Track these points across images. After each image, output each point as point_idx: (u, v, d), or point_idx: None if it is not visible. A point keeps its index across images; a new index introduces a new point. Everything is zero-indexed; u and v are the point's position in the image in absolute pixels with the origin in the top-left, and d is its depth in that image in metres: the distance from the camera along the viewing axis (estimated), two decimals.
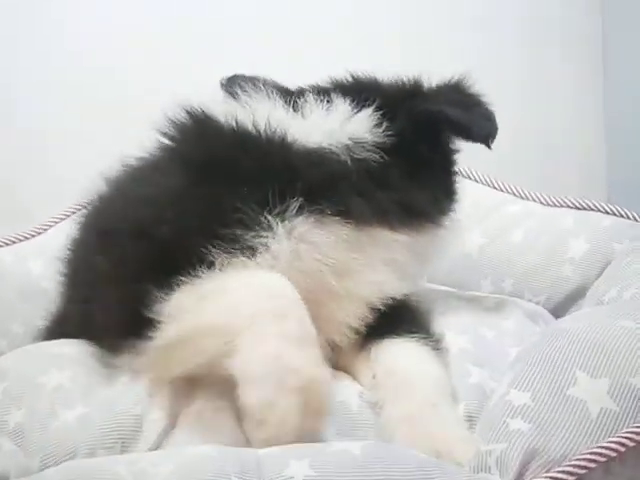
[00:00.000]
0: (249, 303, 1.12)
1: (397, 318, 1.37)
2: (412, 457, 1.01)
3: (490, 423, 1.09)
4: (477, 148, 1.44)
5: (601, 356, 1.11)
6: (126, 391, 1.25)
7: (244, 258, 1.20)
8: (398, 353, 1.31)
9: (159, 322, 1.16)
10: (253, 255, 1.20)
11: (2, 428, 1.20)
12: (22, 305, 1.84)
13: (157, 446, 1.19)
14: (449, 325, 1.44)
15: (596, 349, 1.13)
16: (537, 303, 1.77)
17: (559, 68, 2.82)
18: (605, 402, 1.05)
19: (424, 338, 1.34)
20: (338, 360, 1.37)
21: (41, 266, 1.92)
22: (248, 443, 1.07)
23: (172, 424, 1.22)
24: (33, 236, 2.02)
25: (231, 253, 1.19)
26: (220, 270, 1.18)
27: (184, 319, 1.14)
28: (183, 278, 1.16)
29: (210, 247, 1.18)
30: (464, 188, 1.80)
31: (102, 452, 1.15)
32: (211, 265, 1.18)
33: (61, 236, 1.94)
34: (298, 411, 1.02)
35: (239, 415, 1.09)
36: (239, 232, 1.20)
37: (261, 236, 1.21)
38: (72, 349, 1.41)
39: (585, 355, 1.12)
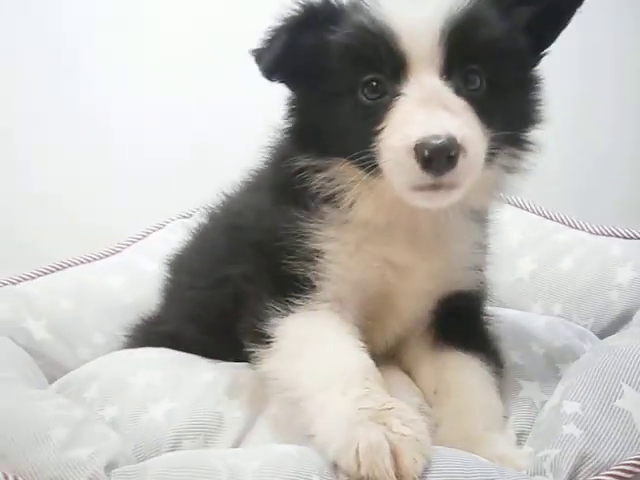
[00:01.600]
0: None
1: (467, 329, 1.46)
2: (473, 459, 1.11)
3: (544, 431, 1.19)
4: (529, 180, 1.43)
5: None
6: (208, 391, 1.38)
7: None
8: (461, 373, 1.39)
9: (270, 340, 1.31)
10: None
11: (102, 420, 1.33)
12: (103, 318, 1.98)
13: (238, 442, 1.31)
14: (505, 340, 1.54)
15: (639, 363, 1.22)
16: (585, 326, 1.86)
17: (612, 100, 2.89)
18: None
19: (487, 357, 1.41)
20: (404, 356, 1.49)
21: (121, 282, 2.07)
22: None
23: (250, 424, 1.34)
24: (112, 254, 2.18)
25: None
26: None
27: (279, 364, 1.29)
28: (293, 301, 1.32)
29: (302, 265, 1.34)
30: (516, 217, 1.90)
31: (187, 443, 1.28)
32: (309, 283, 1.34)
33: (139, 254, 2.12)
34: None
35: None
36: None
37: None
38: (156, 355, 1.57)
39: (631, 370, 1.22)
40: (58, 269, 2.05)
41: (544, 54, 1.36)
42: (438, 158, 1.11)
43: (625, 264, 1.91)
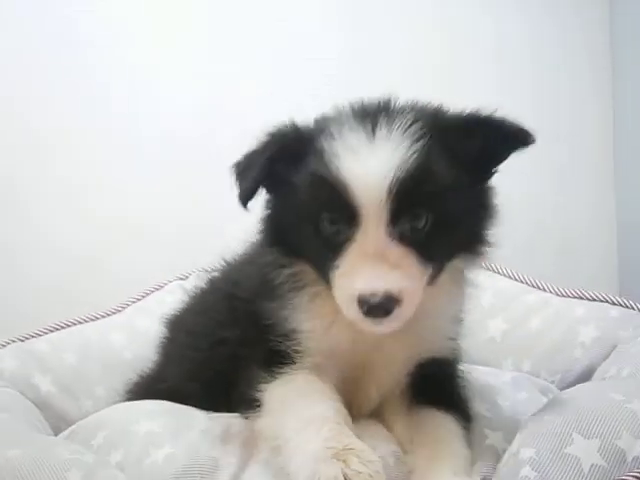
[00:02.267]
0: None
1: (441, 390, 1.60)
2: None
3: (504, 475, 1.33)
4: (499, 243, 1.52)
5: (594, 421, 1.36)
6: (204, 438, 1.52)
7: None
8: (434, 427, 1.52)
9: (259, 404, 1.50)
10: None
11: (109, 465, 1.47)
12: (105, 373, 2.13)
13: None
14: (474, 394, 1.68)
15: (590, 415, 1.38)
16: (552, 382, 2.01)
17: (572, 165, 3.08)
18: (595, 459, 1.30)
19: (458, 415, 1.55)
20: (384, 412, 1.63)
21: (122, 339, 2.23)
22: None
23: (243, 467, 1.47)
24: (114, 313, 2.33)
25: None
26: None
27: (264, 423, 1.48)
28: (277, 370, 1.51)
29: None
30: (488, 279, 2.06)
31: None
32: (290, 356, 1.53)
33: (138, 313, 2.27)
34: None
35: None
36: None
37: None
38: (156, 406, 1.71)
39: (581, 420, 1.37)
40: (63, 327, 2.20)
41: (495, 171, 1.49)
42: (375, 312, 1.29)
43: (588, 324, 2.08)
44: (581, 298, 2.20)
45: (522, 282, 2.37)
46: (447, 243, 1.41)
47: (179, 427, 1.57)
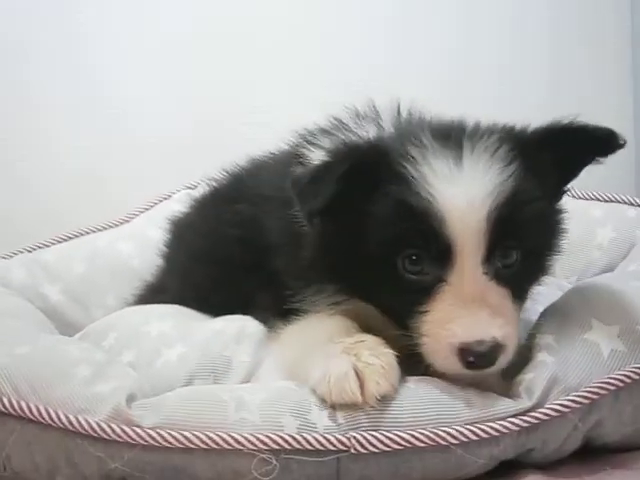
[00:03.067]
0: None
1: None
2: (457, 386, 1.24)
3: (520, 360, 1.30)
4: None
5: (613, 307, 1.34)
6: (217, 338, 1.49)
7: None
8: None
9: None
10: None
11: (119, 363, 1.45)
12: (114, 281, 2.11)
13: (245, 383, 1.42)
14: None
15: (608, 301, 1.36)
16: (569, 283, 1.98)
17: (589, 65, 2.94)
18: (615, 344, 1.28)
19: None
20: None
21: (131, 248, 2.21)
22: None
23: (257, 367, 1.46)
24: (122, 223, 2.31)
25: None
26: None
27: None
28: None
29: None
30: None
31: (198, 382, 1.39)
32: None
33: (148, 223, 2.24)
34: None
35: None
36: None
37: None
38: (167, 308, 1.69)
39: (600, 306, 1.35)
40: (71, 238, 2.18)
41: (566, 191, 1.42)
42: (481, 362, 1.17)
43: (605, 225, 2.04)
44: (598, 200, 2.15)
45: None
46: (534, 276, 1.35)
47: (191, 328, 1.55)
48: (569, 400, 1.21)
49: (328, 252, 1.32)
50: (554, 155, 1.30)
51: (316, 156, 1.43)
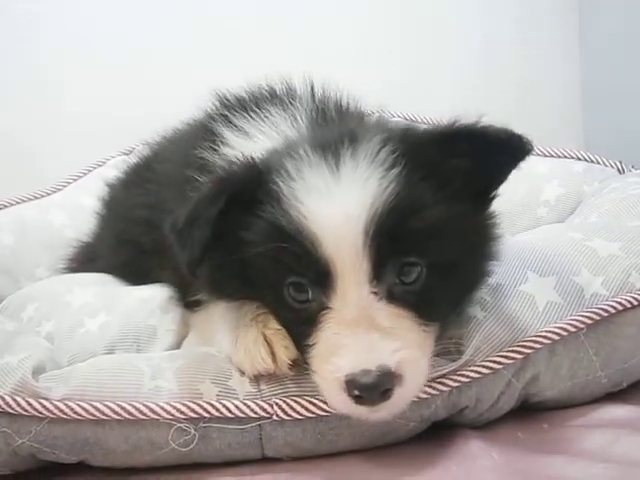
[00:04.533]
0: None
1: None
2: None
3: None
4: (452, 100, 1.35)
5: (550, 259, 1.28)
6: (142, 306, 1.43)
7: None
8: None
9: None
10: None
11: (37, 335, 1.38)
12: (44, 253, 2.02)
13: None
14: None
15: (545, 252, 1.30)
16: None
17: (535, 12, 2.87)
18: (551, 296, 1.22)
19: None
20: None
21: (64, 217, 2.12)
22: None
23: (183, 337, 1.39)
24: (53, 192, 2.22)
25: None
26: None
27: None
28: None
29: None
30: None
31: (120, 352, 1.32)
32: None
33: (82, 191, 2.16)
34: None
35: None
36: None
37: None
38: (93, 276, 1.62)
39: (536, 258, 1.29)
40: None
41: (494, 197, 1.23)
42: (370, 395, 1.00)
43: (551, 181, 2.00)
44: (543, 155, 2.10)
45: None
46: (450, 294, 1.14)
47: (115, 296, 1.49)
48: (501, 356, 1.16)
49: (218, 276, 1.20)
50: (456, 158, 1.12)
51: (230, 139, 1.34)
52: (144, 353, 1.33)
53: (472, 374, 1.14)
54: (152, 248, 1.46)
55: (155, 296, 1.46)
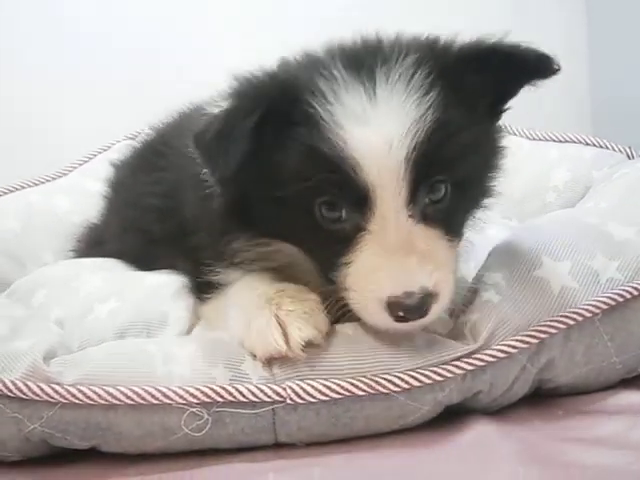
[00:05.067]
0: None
1: None
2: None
3: (467, 299, 1.24)
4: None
5: (564, 243, 1.27)
6: (154, 292, 1.41)
7: None
8: None
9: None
10: None
11: (47, 320, 1.36)
12: (50, 237, 2.01)
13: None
14: None
15: (559, 237, 1.28)
16: None
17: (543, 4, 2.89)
18: (566, 281, 1.21)
19: None
20: None
21: (69, 202, 2.11)
22: None
23: (195, 323, 1.37)
24: (59, 177, 2.21)
25: None
26: None
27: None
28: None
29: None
30: None
31: (130, 337, 1.31)
32: None
33: (87, 175, 2.15)
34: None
35: None
36: None
37: None
38: (102, 262, 1.61)
39: (550, 242, 1.28)
40: (5, 192, 2.07)
41: (505, 109, 1.26)
42: (412, 315, 1.06)
43: (560, 167, 1.98)
44: (553, 140, 2.09)
45: None
46: (470, 204, 1.23)
47: (126, 282, 1.47)
48: (516, 340, 1.14)
49: (243, 200, 1.19)
50: (484, 75, 1.16)
51: None
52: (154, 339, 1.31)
53: (487, 357, 1.13)
54: (163, 236, 1.47)
55: (167, 283, 1.44)
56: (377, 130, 1.06)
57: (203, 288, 1.34)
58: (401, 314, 1.06)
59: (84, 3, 2.65)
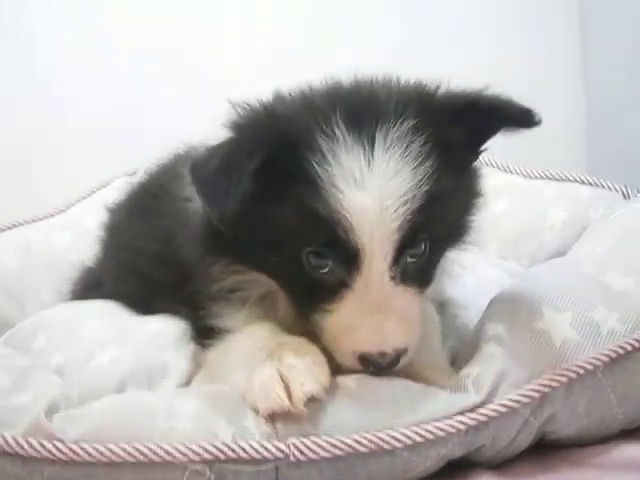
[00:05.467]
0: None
1: None
2: (401, 385, 1.17)
3: (468, 350, 1.25)
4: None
5: (564, 294, 1.27)
6: (154, 340, 1.40)
7: None
8: None
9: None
10: None
11: (48, 368, 1.36)
12: (49, 275, 2.01)
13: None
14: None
15: (560, 288, 1.29)
16: (520, 266, 1.93)
17: (538, 42, 2.91)
18: (568, 333, 1.21)
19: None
20: None
21: (68, 240, 2.11)
22: None
23: (193, 373, 1.37)
24: (57, 213, 2.21)
25: None
26: None
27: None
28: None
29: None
30: None
31: (131, 388, 1.30)
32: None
33: (85, 212, 2.14)
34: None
35: None
36: None
37: None
38: (102, 305, 1.60)
39: (551, 293, 1.28)
40: (4, 230, 2.07)
41: (482, 151, 1.29)
42: (382, 370, 1.15)
43: (557, 206, 1.98)
44: (549, 179, 2.09)
45: (487, 164, 2.24)
46: (441, 252, 1.27)
47: (127, 328, 1.47)
48: (520, 395, 1.14)
49: (233, 237, 1.20)
50: (468, 127, 1.20)
51: None
52: (155, 389, 1.31)
53: (490, 412, 1.12)
54: (162, 281, 1.47)
55: (167, 330, 1.43)
56: (373, 195, 1.10)
57: (204, 333, 1.33)
58: (371, 368, 1.14)
59: (86, 51, 2.66)
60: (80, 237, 2.09)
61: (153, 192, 1.67)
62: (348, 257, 1.12)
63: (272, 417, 1.11)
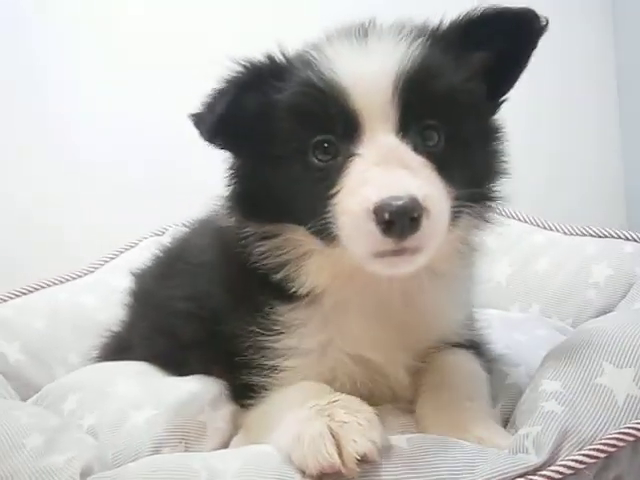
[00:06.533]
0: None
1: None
2: (456, 445, 1.09)
3: (525, 410, 1.18)
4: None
5: (626, 348, 1.20)
6: (191, 401, 1.35)
7: None
8: (449, 364, 1.35)
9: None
10: None
11: (80, 429, 1.31)
12: (77, 337, 1.95)
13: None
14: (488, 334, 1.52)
15: (620, 342, 1.22)
16: (566, 325, 1.86)
17: (581, 104, 2.91)
18: (631, 389, 1.14)
19: (477, 352, 1.41)
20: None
21: (96, 300, 2.06)
22: None
23: (232, 435, 1.33)
24: (85, 274, 2.17)
25: None
26: None
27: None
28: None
29: None
30: None
31: (167, 450, 1.25)
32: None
33: (113, 272, 2.11)
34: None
35: None
36: None
37: None
38: (136, 366, 1.56)
39: (610, 348, 1.22)
40: (31, 291, 2.04)
41: (502, 101, 1.30)
42: (400, 221, 1.02)
43: (600, 262, 1.92)
44: (591, 235, 2.04)
45: (527, 222, 2.20)
46: (463, 168, 1.19)
47: (161, 388, 1.41)
48: (583, 455, 1.06)
49: (249, 184, 1.26)
50: (474, 43, 1.22)
51: None
52: (192, 452, 1.25)
53: (553, 474, 1.04)
54: (192, 340, 1.43)
55: (204, 390, 1.38)
56: (365, 59, 1.14)
57: (243, 393, 1.29)
58: (387, 216, 1.02)
59: (120, 118, 2.68)
60: (107, 297, 2.05)
61: (178, 254, 1.67)
62: (350, 126, 1.13)
63: (320, 478, 1.03)
